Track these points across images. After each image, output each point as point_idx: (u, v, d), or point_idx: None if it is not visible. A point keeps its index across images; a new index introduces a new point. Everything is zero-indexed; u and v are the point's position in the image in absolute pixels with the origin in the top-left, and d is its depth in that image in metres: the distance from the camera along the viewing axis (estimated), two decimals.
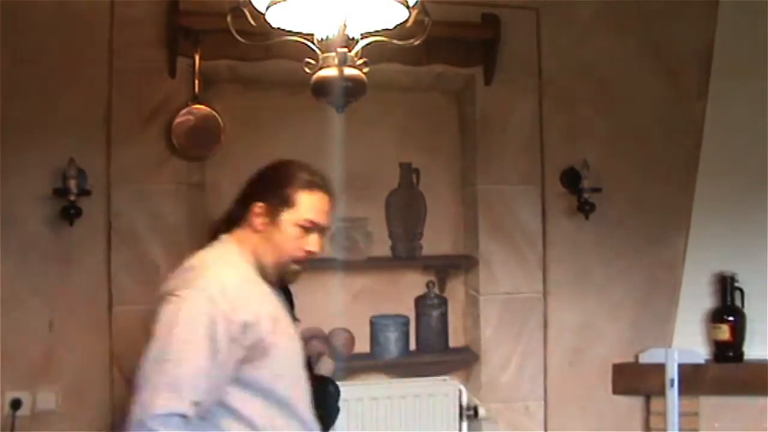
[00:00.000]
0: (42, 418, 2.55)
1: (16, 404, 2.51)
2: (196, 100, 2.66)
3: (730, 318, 2.93)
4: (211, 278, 1.63)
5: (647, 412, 2.97)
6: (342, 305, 2.93)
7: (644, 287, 2.99)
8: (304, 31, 1.55)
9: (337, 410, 2.08)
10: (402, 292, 2.98)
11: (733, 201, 2.94)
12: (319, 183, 1.79)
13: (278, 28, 1.53)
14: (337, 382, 2.82)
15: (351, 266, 2.90)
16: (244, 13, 1.50)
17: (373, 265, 2.95)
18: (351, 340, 2.89)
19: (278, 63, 2.57)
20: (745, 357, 2.93)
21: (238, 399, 1.62)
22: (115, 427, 2.60)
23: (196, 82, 2.65)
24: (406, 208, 2.99)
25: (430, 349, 2.96)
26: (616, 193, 2.94)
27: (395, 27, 1.55)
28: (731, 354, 2.92)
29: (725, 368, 2.92)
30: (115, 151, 2.62)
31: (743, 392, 2.88)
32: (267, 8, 1.47)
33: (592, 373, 2.96)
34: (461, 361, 2.97)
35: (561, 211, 2.95)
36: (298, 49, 1.56)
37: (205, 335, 1.54)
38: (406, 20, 1.53)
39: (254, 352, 1.61)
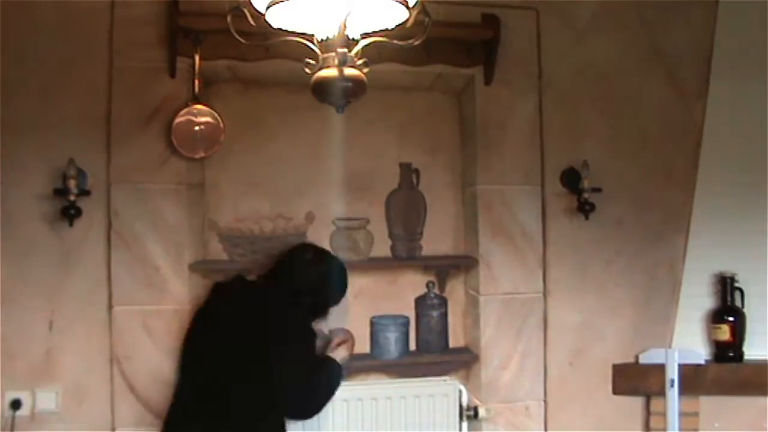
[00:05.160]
0: (42, 418, 2.55)
1: (16, 404, 2.51)
2: (196, 100, 2.66)
3: (730, 318, 2.93)
4: None
5: (647, 412, 2.97)
6: (342, 305, 2.93)
7: (644, 287, 2.99)
8: (304, 32, 1.55)
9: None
10: (402, 292, 2.98)
11: (733, 201, 2.94)
12: None
13: (278, 28, 1.53)
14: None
15: (351, 266, 2.90)
16: (244, 13, 1.50)
17: (373, 265, 2.95)
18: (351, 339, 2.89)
19: (278, 63, 2.57)
20: (745, 357, 2.93)
21: None
22: (115, 426, 2.61)
23: (196, 82, 2.64)
24: (406, 208, 2.99)
25: (430, 349, 2.95)
26: (616, 193, 2.94)
27: (395, 27, 1.55)
28: (731, 354, 2.92)
29: (725, 368, 2.92)
30: (115, 151, 2.62)
31: (743, 392, 2.88)
32: (267, 8, 1.47)
33: (592, 373, 2.96)
34: (461, 361, 2.97)
35: (561, 211, 2.95)
36: (298, 49, 1.56)
37: None
38: (406, 20, 1.53)
39: None
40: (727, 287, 2.93)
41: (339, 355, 2.70)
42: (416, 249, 2.98)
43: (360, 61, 1.53)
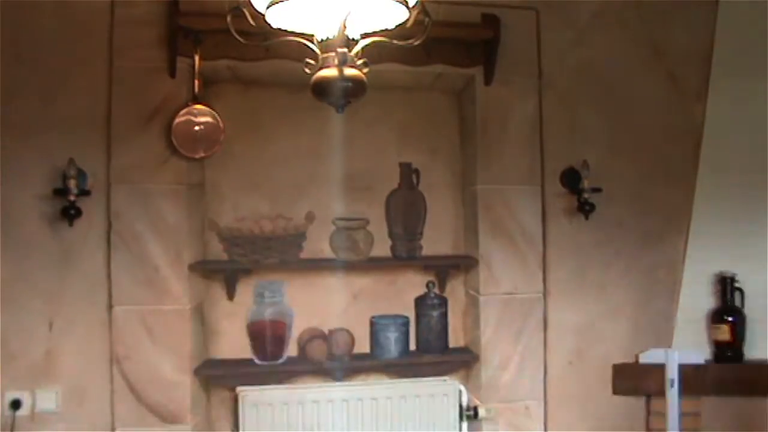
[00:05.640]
0: (42, 418, 2.55)
1: (16, 404, 2.52)
2: (196, 100, 2.66)
3: (730, 318, 2.92)
4: None
5: (647, 412, 2.97)
6: (342, 305, 2.93)
7: (644, 287, 2.99)
8: (304, 32, 1.54)
9: None
10: (402, 292, 2.98)
11: (733, 201, 2.94)
12: None
13: (278, 28, 1.53)
14: (338, 382, 2.85)
15: (351, 266, 2.91)
16: (244, 13, 1.50)
17: (373, 265, 2.95)
18: (351, 340, 2.89)
19: (278, 63, 2.57)
20: (745, 357, 2.93)
21: None
22: (115, 427, 2.61)
23: (196, 82, 2.65)
24: (406, 208, 2.99)
25: (430, 349, 2.95)
26: (616, 193, 2.94)
27: (395, 27, 1.55)
28: (731, 354, 2.92)
29: (725, 368, 2.92)
30: (115, 151, 2.62)
31: (743, 393, 2.88)
32: (267, 8, 1.47)
33: (592, 373, 2.96)
34: (461, 361, 2.97)
35: (561, 211, 2.95)
36: (298, 49, 1.56)
37: None
38: (407, 20, 1.53)
39: None
40: (726, 287, 2.93)
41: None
42: (416, 249, 2.98)
43: (360, 61, 1.53)
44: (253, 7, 1.49)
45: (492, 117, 2.90)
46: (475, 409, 2.81)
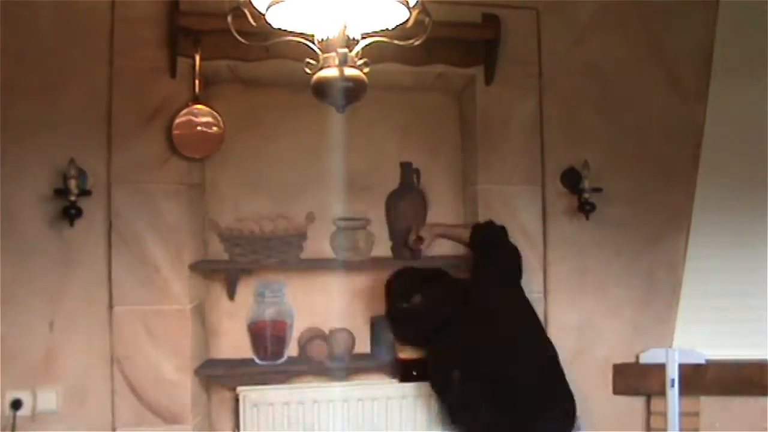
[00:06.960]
0: (42, 418, 2.55)
1: (16, 404, 2.52)
2: (197, 100, 2.66)
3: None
4: None
5: (648, 412, 2.97)
6: (342, 305, 2.93)
7: (645, 287, 2.99)
8: (305, 32, 1.55)
9: None
10: None
11: (733, 201, 2.94)
12: None
13: (279, 28, 1.53)
14: (338, 382, 2.83)
15: (351, 266, 2.91)
16: (245, 14, 1.50)
17: (374, 265, 2.94)
18: (351, 340, 2.89)
19: (278, 63, 2.57)
20: (746, 357, 2.93)
21: None
22: (115, 427, 2.60)
23: (197, 82, 2.65)
24: (406, 208, 2.98)
25: None
26: (617, 193, 2.94)
27: (396, 27, 1.55)
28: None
29: (725, 368, 2.92)
30: (115, 151, 2.62)
31: (743, 392, 2.89)
32: (267, 8, 1.47)
33: (593, 373, 2.95)
34: None
35: (561, 211, 2.95)
36: (298, 49, 1.56)
37: None
38: (407, 20, 1.53)
39: None
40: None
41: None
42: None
43: (360, 61, 1.53)
44: (254, 7, 1.49)
45: (492, 117, 2.90)
46: None
